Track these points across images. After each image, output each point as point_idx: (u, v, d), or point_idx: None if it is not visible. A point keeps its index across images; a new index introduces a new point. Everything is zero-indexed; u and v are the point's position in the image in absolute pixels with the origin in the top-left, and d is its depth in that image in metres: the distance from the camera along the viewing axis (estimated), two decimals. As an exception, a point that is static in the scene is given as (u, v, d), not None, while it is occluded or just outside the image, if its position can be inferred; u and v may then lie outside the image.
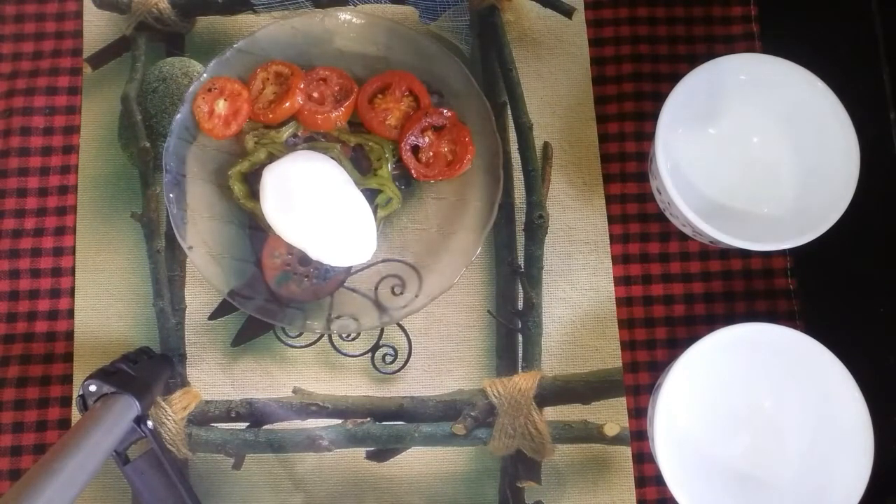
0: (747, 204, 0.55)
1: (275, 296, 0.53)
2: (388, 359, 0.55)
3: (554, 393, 0.54)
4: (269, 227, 0.53)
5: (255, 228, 0.55)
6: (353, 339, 0.55)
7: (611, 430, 0.54)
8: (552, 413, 0.54)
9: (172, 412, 0.54)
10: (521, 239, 0.57)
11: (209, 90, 0.55)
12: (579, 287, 0.56)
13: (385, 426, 0.54)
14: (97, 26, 0.60)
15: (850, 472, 0.48)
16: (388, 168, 0.55)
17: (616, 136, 0.58)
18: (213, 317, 0.55)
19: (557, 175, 0.58)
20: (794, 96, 0.53)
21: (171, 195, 0.54)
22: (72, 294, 0.55)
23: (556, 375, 0.55)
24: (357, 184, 0.54)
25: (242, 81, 0.56)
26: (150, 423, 0.47)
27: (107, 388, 0.46)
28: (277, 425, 0.54)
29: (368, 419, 0.54)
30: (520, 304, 0.56)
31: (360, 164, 0.55)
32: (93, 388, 0.45)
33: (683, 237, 0.57)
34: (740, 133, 0.56)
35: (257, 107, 0.55)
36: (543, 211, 0.57)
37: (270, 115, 0.55)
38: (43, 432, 0.53)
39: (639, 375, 0.55)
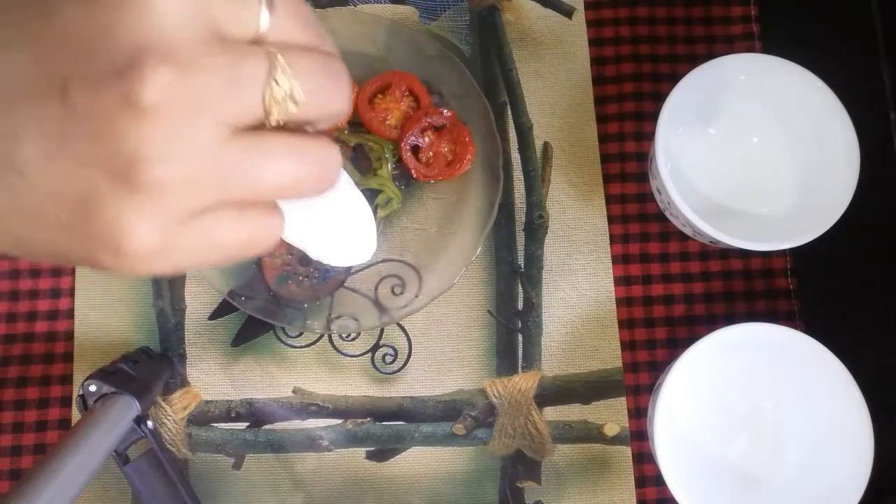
0: (747, 204, 0.55)
1: (275, 296, 0.53)
2: (388, 359, 0.55)
3: (554, 393, 0.54)
4: (269, 227, 0.52)
5: (255, 228, 0.54)
6: (353, 339, 0.55)
7: (611, 430, 0.54)
8: (552, 413, 0.54)
9: (172, 412, 0.54)
10: (521, 239, 0.57)
11: (209, 90, 0.55)
12: (579, 287, 0.56)
13: (385, 426, 0.54)
14: (97, 26, 0.59)
15: (850, 472, 0.48)
16: (388, 168, 0.55)
17: (616, 136, 0.58)
18: (213, 317, 0.55)
19: (557, 175, 0.58)
20: (794, 96, 0.53)
21: (171, 195, 0.54)
22: (72, 294, 0.55)
23: (556, 375, 0.55)
24: (357, 184, 0.53)
25: (242, 81, 0.55)
26: (150, 423, 0.47)
27: (107, 388, 0.46)
28: (277, 425, 0.54)
29: (368, 419, 0.54)
30: (520, 304, 0.56)
31: (360, 164, 0.55)
32: (93, 388, 0.45)
33: (683, 237, 0.57)
34: (740, 133, 0.56)
35: (257, 107, 0.55)
36: (543, 211, 0.57)
37: (270, 115, 0.55)
38: (43, 432, 0.53)
39: (639, 375, 0.55)
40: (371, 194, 0.54)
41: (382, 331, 0.55)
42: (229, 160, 0.21)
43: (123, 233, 0.20)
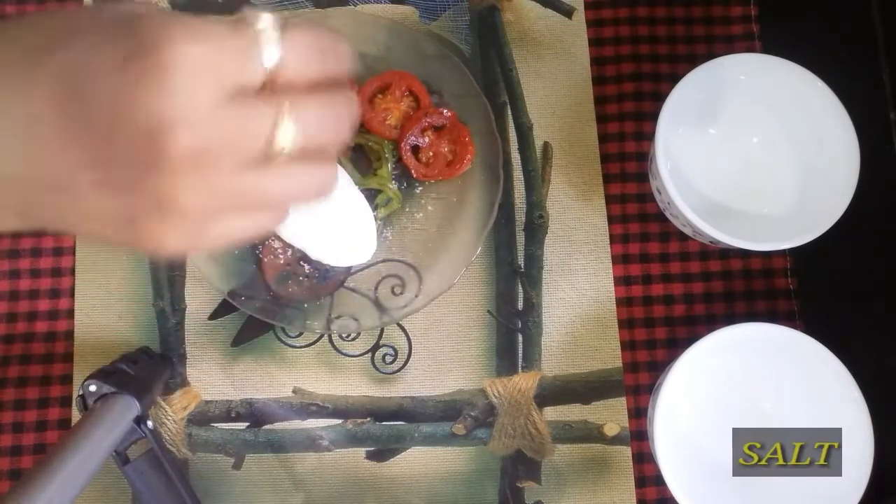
0: (747, 204, 0.55)
1: (275, 296, 0.53)
2: (388, 359, 0.55)
3: (554, 393, 0.54)
4: (269, 227, 0.52)
5: (255, 228, 0.54)
6: (353, 339, 0.55)
7: (611, 430, 0.54)
8: (552, 413, 0.54)
9: (172, 412, 0.54)
10: (521, 239, 0.57)
11: (209, 90, 0.55)
12: (579, 287, 0.56)
13: (385, 426, 0.54)
14: (97, 26, 0.59)
15: (850, 472, 0.48)
16: (388, 168, 0.55)
17: (616, 136, 0.58)
18: (213, 317, 0.55)
19: (557, 175, 0.58)
20: (794, 96, 0.53)
21: (171, 195, 0.54)
22: (72, 294, 0.55)
23: (556, 375, 0.55)
24: (357, 184, 0.53)
25: (242, 81, 0.55)
26: (150, 423, 0.47)
27: (107, 388, 0.46)
28: (277, 425, 0.54)
29: (368, 419, 0.54)
30: (520, 304, 0.56)
31: (360, 164, 0.55)
32: (93, 388, 0.45)
33: (683, 237, 0.57)
34: (740, 133, 0.56)
35: (257, 107, 0.55)
36: (543, 211, 0.57)
37: (270, 115, 0.55)
38: (43, 432, 0.53)
39: (639, 375, 0.55)
40: (371, 194, 0.54)
41: (382, 331, 0.55)
42: (241, 186, 0.28)
43: (160, 242, 0.28)
